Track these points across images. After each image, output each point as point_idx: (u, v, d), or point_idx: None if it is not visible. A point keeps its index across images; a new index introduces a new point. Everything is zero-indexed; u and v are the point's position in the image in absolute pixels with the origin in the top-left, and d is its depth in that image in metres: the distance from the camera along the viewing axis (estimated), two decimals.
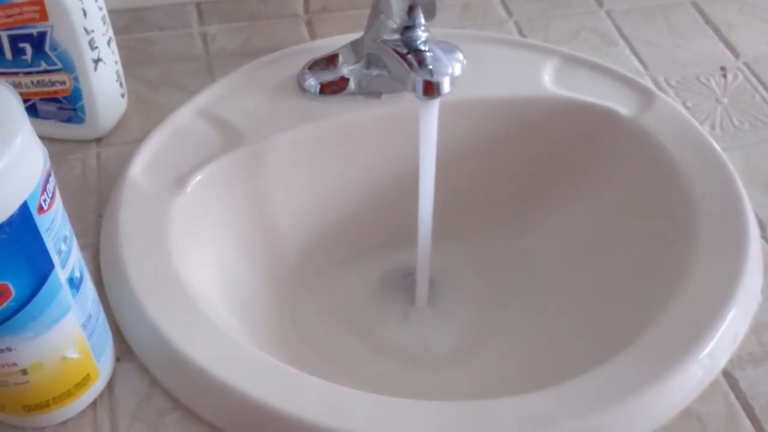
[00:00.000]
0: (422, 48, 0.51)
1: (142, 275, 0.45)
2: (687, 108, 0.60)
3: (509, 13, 0.67)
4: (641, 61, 0.63)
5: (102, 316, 0.41)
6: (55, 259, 0.34)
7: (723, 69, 0.63)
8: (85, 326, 0.38)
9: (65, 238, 0.35)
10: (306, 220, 0.58)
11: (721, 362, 0.45)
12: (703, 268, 0.48)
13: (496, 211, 0.60)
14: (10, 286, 0.33)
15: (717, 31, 0.66)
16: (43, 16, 0.48)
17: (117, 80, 0.54)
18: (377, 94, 0.57)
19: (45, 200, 0.33)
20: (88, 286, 0.38)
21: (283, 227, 0.57)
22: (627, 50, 0.64)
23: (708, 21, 0.67)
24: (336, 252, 0.60)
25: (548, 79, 0.59)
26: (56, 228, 0.34)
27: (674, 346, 0.44)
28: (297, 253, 0.58)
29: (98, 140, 0.55)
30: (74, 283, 0.36)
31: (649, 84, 0.61)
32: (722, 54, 0.64)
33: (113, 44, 0.53)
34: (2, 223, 0.31)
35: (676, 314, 0.46)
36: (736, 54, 0.64)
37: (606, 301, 0.54)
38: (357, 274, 0.60)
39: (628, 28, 0.66)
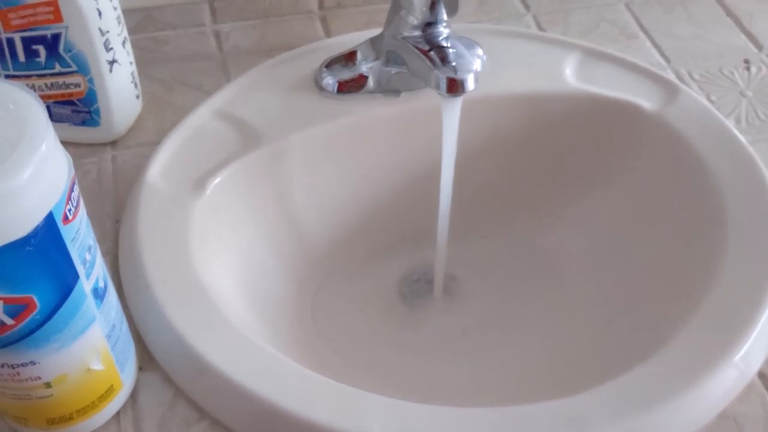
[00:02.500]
0: (444, 44, 0.50)
1: (163, 281, 0.44)
2: (711, 102, 0.58)
3: (527, 7, 0.65)
4: (663, 54, 0.62)
5: (125, 325, 0.40)
6: (80, 269, 0.33)
7: (746, 62, 0.62)
8: (109, 336, 0.37)
9: (89, 248, 0.34)
10: (326, 219, 0.57)
11: (757, 363, 0.44)
12: (734, 266, 0.47)
13: (516, 208, 0.59)
14: (35, 299, 0.32)
15: (738, 22, 0.65)
16: (58, 17, 0.47)
17: (132, 81, 0.53)
18: (396, 92, 0.56)
19: (70, 210, 0.32)
20: (112, 296, 0.37)
21: (302, 227, 0.56)
22: (648, 43, 0.63)
23: (729, 12, 0.66)
24: (356, 251, 0.59)
25: (570, 74, 0.58)
26: (81, 238, 0.33)
27: (708, 348, 0.43)
28: (317, 252, 0.57)
29: (113, 143, 0.54)
30: (98, 294, 0.35)
31: (672, 77, 0.59)
32: (744, 46, 0.63)
33: (128, 45, 0.52)
34: (27, 235, 0.30)
35: (708, 315, 0.45)
36: (758, 46, 0.63)
37: (632, 301, 0.53)
38: (377, 272, 0.59)
39: (648, 19, 0.65)
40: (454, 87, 0.47)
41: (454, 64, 0.48)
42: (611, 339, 0.52)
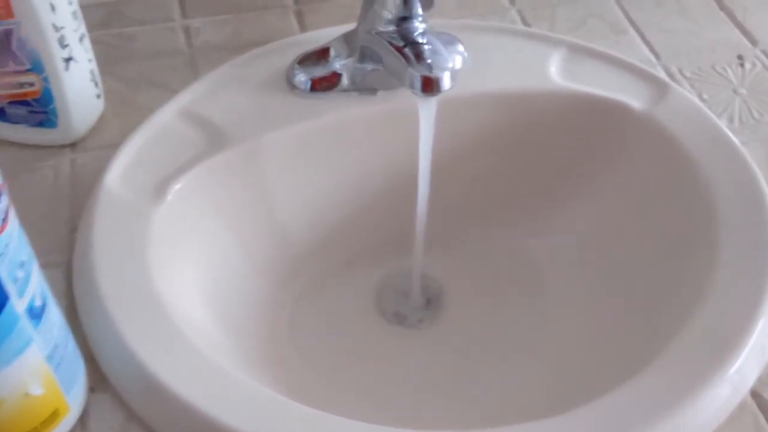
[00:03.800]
0: (420, 40, 0.47)
1: (118, 295, 0.41)
2: (703, 100, 0.56)
3: (512, 1, 0.63)
4: (653, 50, 0.59)
5: (71, 343, 0.37)
6: (10, 288, 0.30)
7: (740, 57, 0.59)
8: (50, 358, 0.34)
9: (22, 264, 0.31)
10: (298, 225, 0.54)
11: (750, 380, 0.41)
12: (726, 274, 0.45)
13: (500, 213, 0.56)
14: None
15: (732, 16, 0.62)
16: (8, 12, 0.44)
17: (91, 80, 0.50)
18: (372, 91, 0.53)
19: None
20: (53, 314, 0.35)
21: (274, 234, 0.53)
22: (638, 39, 0.60)
23: (722, 6, 0.63)
24: (332, 258, 0.56)
25: (555, 71, 0.55)
26: (11, 253, 0.30)
27: (699, 363, 0.41)
28: (290, 260, 0.54)
29: (73, 145, 0.51)
30: (35, 313, 0.33)
31: (662, 75, 0.57)
32: (738, 41, 0.60)
33: (86, 41, 0.49)
34: None
35: (699, 326, 0.43)
36: (753, 41, 0.60)
37: (621, 311, 0.51)
38: (355, 280, 0.56)
39: (638, 14, 0.62)
40: (429, 86, 0.45)
41: (429, 61, 0.45)
42: (599, 352, 0.49)
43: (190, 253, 0.47)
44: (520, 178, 0.56)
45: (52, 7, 0.45)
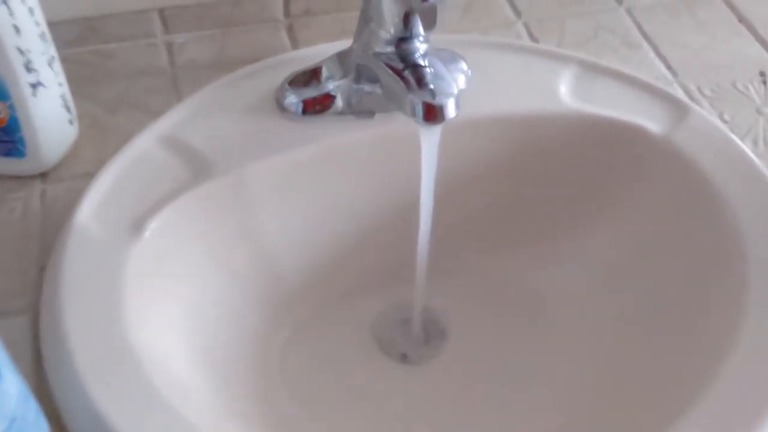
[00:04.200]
0: (421, 63, 0.43)
1: (87, 348, 0.37)
2: (724, 121, 0.52)
3: (517, 14, 0.59)
4: (669, 67, 0.55)
5: (32, 412, 0.33)
6: None
7: (762, 74, 0.55)
8: None
9: None
10: (291, 259, 0.50)
11: None
12: (757, 314, 0.41)
13: (506, 244, 0.53)
14: None
15: (752, 30, 0.58)
16: None
17: (63, 105, 0.46)
18: (369, 114, 0.49)
19: None
20: (10, 383, 0.31)
21: (264, 269, 0.49)
22: (652, 53, 0.56)
23: (741, 18, 0.59)
24: (326, 293, 0.52)
25: (565, 92, 0.51)
26: None
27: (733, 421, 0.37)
28: (282, 296, 0.50)
29: (43, 175, 0.47)
30: None
31: (680, 94, 0.53)
32: (759, 56, 0.57)
33: (57, 64, 0.45)
34: None
35: (731, 376, 0.39)
36: None
37: (635, 349, 0.47)
38: (351, 317, 0.52)
39: (651, 27, 0.58)
40: (432, 114, 0.41)
41: (431, 86, 0.41)
42: (610, 391, 0.46)
43: (171, 294, 0.44)
44: (528, 207, 0.52)
45: (17, 30, 0.41)
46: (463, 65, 0.51)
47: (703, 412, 0.38)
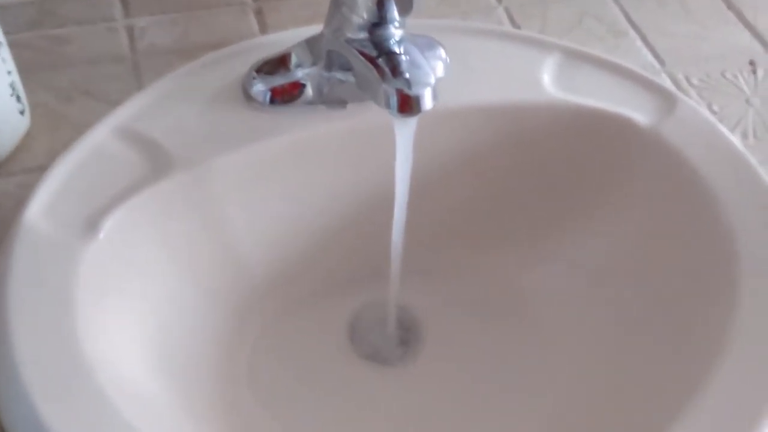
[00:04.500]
0: (396, 50, 0.40)
1: (36, 360, 0.35)
2: (713, 112, 0.50)
3: None
4: (656, 56, 0.53)
5: None
6: None
7: (752, 63, 0.53)
8: None
9: None
10: (258, 257, 0.48)
11: None
12: (749, 315, 0.39)
13: (487, 241, 0.50)
14: None
15: (741, 17, 0.56)
16: None
17: (12, 94, 0.43)
18: (342, 104, 0.46)
19: None
20: None
21: (230, 268, 0.47)
22: (638, 42, 0.54)
23: (730, 5, 0.57)
24: (296, 292, 0.49)
25: (548, 81, 0.49)
26: None
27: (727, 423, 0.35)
28: (249, 296, 0.48)
29: None
30: None
31: (668, 83, 0.51)
32: (749, 45, 0.55)
33: (5, 50, 0.42)
34: None
35: (724, 379, 0.37)
36: (765, 44, 0.54)
37: (623, 350, 0.45)
38: (323, 318, 0.50)
39: (639, 14, 0.56)
40: (407, 105, 0.38)
41: (407, 75, 0.39)
42: (596, 394, 0.44)
43: (128, 298, 0.41)
44: (509, 201, 0.50)
45: None
46: (442, 52, 0.48)
47: (697, 415, 0.36)
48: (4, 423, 0.34)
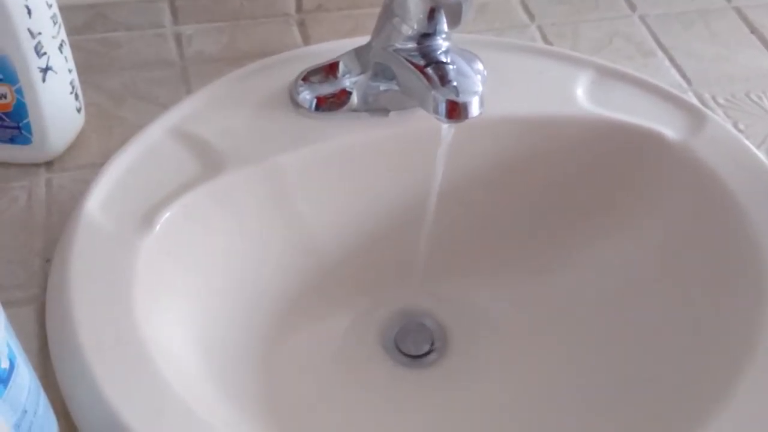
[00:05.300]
0: (443, 59, 0.42)
1: (97, 343, 0.36)
2: (740, 130, 0.52)
3: (531, 17, 0.58)
4: (683, 75, 0.55)
5: (42, 405, 0.31)
6: None
7: None
8: (18, 426, 0.29)
9: None
10: (300, 259, 0.49)
11: None
12: None
13: (519, 248, 0.52)
14: None
15: (763, 40, 0.58)
16: None
17: (71, 92, 0.45)
18: (384, 112, 0.48)
19: None
20: (23, 376, 0.29)
21: (273, 268, 0.48)
22: (666, 62, 0.56)
23: (753, 29, 0.59)
24: (334, 294, 0.51)
25: (582, 95, 0.50)
26: None
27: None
28: (290, 296, 0.49)
29: (48, 164, 0.46)
30: (1, 378, 0.27)
31: (695, 102, 0.53)
32: None
33: (66, 49, 0.44)
34: None
35: (750, 390, 0.38)
36: None
37: (649, 361, 0.46)
38: (358, 320, 0.51)
39: (666, 35, 0.58)
40: (456, 111, 0.40)
41: (455, 84, 0.40)
42: (627, 416, 0.45)
43: (180, 291, 0.42)
44: (540, 212, 0.51)
45: (28, 11, 0.40)
46: (480, 65, 0.50)
47: (724, 422, 0.37)
48: (70, 408, 0.36)
